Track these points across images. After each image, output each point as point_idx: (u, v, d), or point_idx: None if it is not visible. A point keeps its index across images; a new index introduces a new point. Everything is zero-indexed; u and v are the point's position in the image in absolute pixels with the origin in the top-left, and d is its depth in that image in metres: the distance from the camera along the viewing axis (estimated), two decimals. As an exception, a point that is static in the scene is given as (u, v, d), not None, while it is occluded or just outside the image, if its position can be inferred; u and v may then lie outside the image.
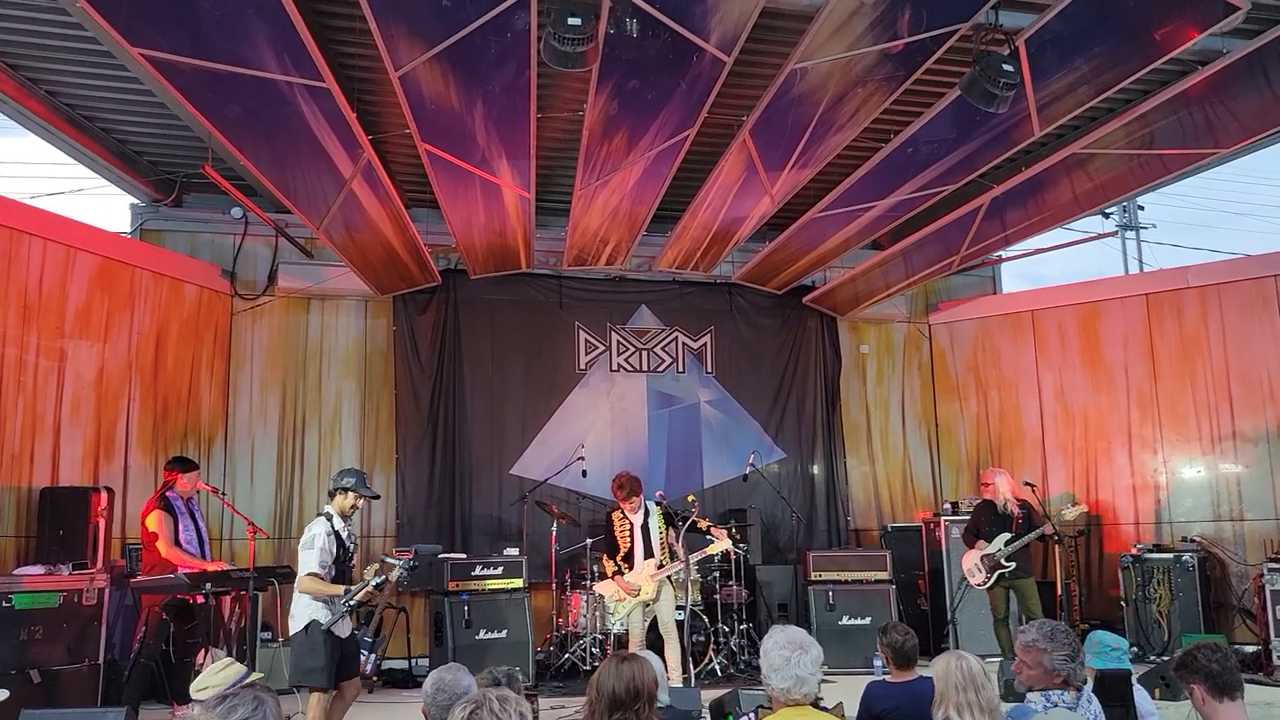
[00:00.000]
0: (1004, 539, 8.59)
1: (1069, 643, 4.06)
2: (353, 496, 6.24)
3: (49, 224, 8.40)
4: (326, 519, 6.21)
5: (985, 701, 3.64)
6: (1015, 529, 8.63)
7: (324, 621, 6.00)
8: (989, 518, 8.83)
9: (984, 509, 8.96)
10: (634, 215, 9.21)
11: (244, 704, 2.53)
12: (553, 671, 9.16)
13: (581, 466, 10.35)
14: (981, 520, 8.89)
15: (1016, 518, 8.69)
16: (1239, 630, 9.66)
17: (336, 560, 6.13)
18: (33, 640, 6.96)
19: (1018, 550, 8.56)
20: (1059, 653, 4.02)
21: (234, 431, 10.15)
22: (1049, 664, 4.01)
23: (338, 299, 10.59)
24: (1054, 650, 4.02)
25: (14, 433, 7.96)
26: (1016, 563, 8.56)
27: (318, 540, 6.09)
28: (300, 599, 6.09)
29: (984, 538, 8.76)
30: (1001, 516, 8.75)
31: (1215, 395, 10.38)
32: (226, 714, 2.49)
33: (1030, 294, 12.20)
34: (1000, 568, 8.56)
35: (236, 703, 2.53)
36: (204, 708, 2.53)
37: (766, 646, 3.77)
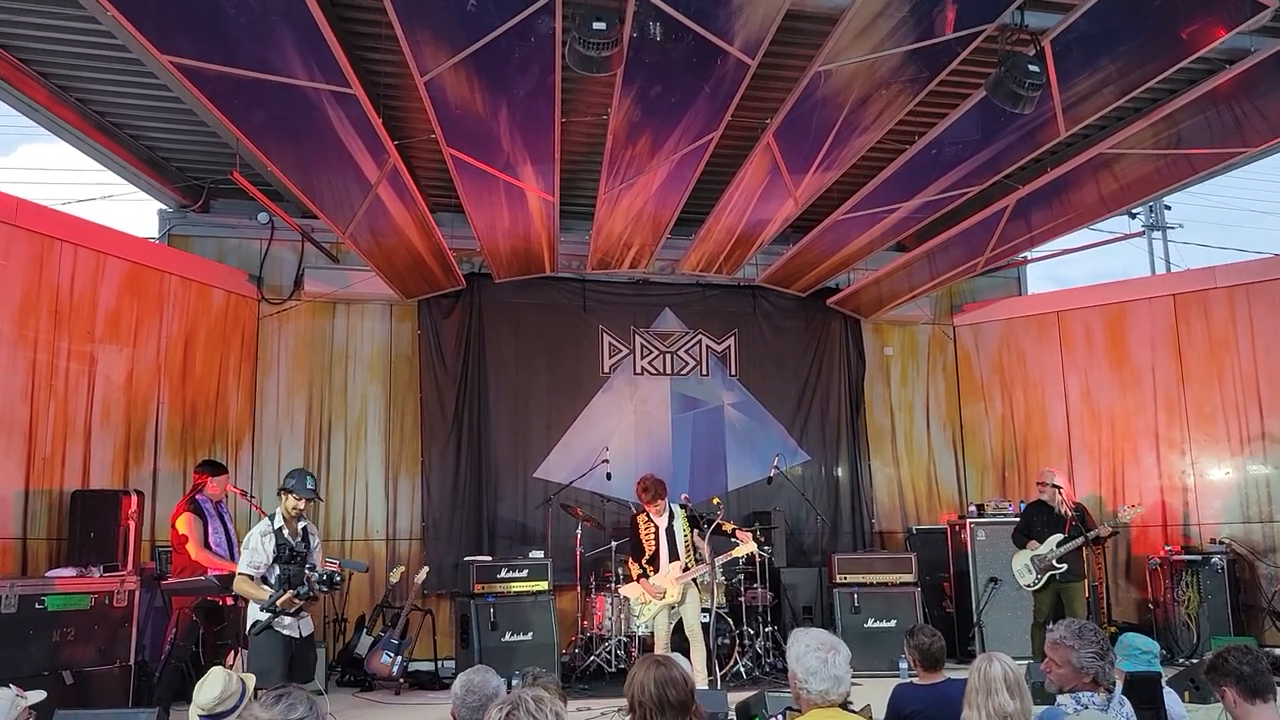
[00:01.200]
0: (1056, 540, 8.51)
1: (1097, 640, 4.04)
2: (292, 498, 6.24)
3: (79, 230, 8.51)
4: (269, 520, 6.22)
5: (995, 707, 3.60)
6: (1068, 530, 8.55)
7: (266, 620, 6.02)
8: (1042, 518, 8.75)
9: (1036, 509, 8.88)
10: (658, 218, 9.23)
11: (301, 703, 2.57)
12: (578, 674, 9.17)
13: (606, 469, 10.37)
14: (1034, 520, 8.81)
15: (1070, 519, 8.61)
16: (1269, 633, 9.57)
17: (280, 560, 6.09)
18: (65, 641, 7.03)
19: (1069, 553, 8.48)
20: (1087, 650, 4.00)
21: (261, 435, 10.23)
22: (1077, 661, 3.99)
23: (363, 303, 10.66)
24: (1082, 648, 4.00)
25: (45, 437, 8.05)
26: (1068, 565, 8.48)
27: (251, 540, 6.13)
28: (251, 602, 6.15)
29: (1035, 538, 8.68)
30: (1054, 517, 8.68)
31: (1244, 396, 10.29)
32: (287, 712, 2.52)
33: (1056, 295, 12.14)
34: (1052, 569, 8.48)
35: (294, 701, 2.56)
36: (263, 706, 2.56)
37: (798, 651, 3.76)
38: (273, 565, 6.05)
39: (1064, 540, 8.50)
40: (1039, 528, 8.72)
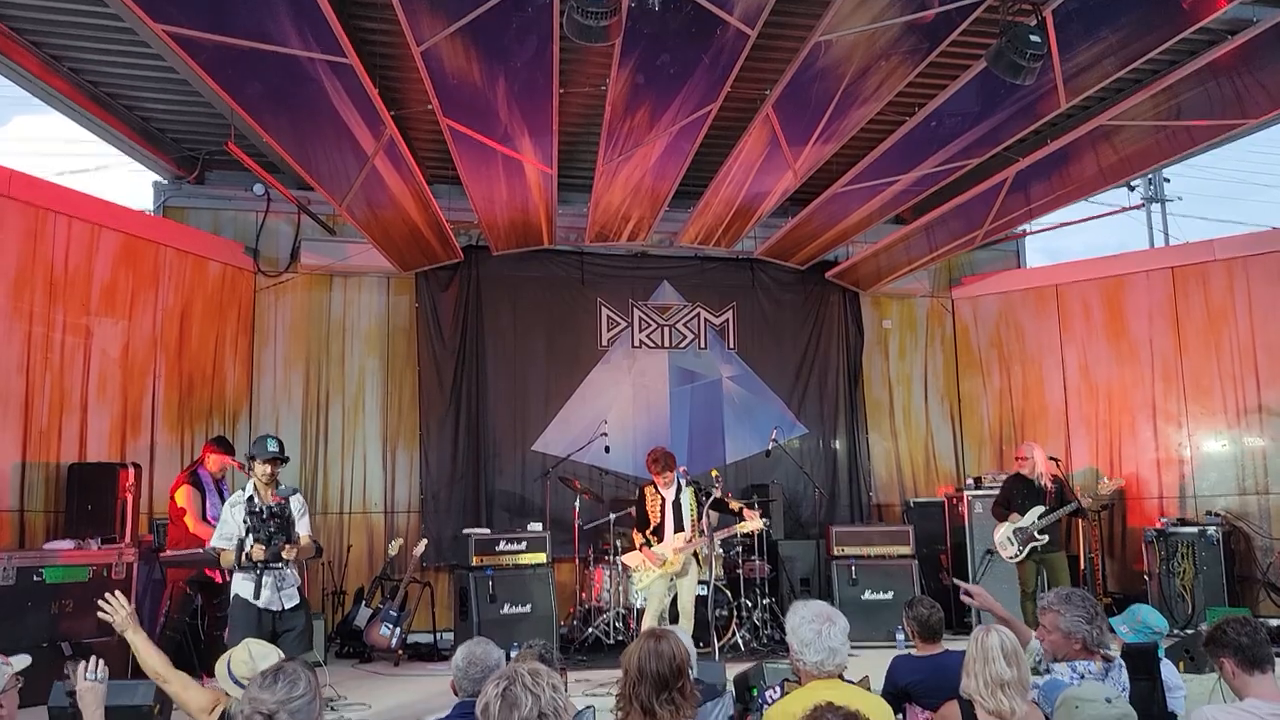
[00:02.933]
0: (1037, 512, 8.55)
1: (1085, 605, 4.06)
2: (257, 463, 6.21)
3: (74, 202, 8.46)
4: (242, 490, 6.24)
5: (991, 675, 3.63)
6: (1048, 503, 8.59)
7: (244, 595, 6.02)
8: (1022, 491, 8.78)
9: (1016, 482, 8.91)
10: (656, 191, 9.19)
11: (301, 678, 2.57)
12: (577, 645, 9.21)
13: (604, 443, 10.38)
14: (1013, 493, 8.84)
15: (1049, 491, 8.65)
16: (1264, 604, 9.63)
17: (252, 529, 6.02)
18: (63, 613, 7.06)
19: (1050, 524, 8.52)
20: (1073, 614, 4.02)
21: (258, 408, 10.22)
22: (1064, 626, 4.02)
23: (360, 276, 10.63)
24: (1068, 612, 4.03)
25: (42, 409, 8.04)
26: (1049, 536, 8.52)
27: (223, 512, 6.18)
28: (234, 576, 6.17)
29: (1016, 510, 8.72)
30: (1035, 490, 8.71)
31: (1241, 368, 10.30)
32: (290, 689, 2.52)
33: (1054, 268, 12.13)
34: (1033, 541, 8.52)
35: (295, 678, 2.56)
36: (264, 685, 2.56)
37: (794, 623, 3.78)
38: (246, 535, 6.02)
39: (1045, 512, 8.53)
40: (1019, 500, 8.75)
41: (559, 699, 2.57)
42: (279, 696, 2.49)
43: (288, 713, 2.46)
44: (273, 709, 2.46)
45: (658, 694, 3.38)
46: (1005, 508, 8.83)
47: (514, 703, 2.50)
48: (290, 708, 2.47)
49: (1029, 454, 8.87)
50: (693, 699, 3.50)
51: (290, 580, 6.22)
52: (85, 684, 3.63)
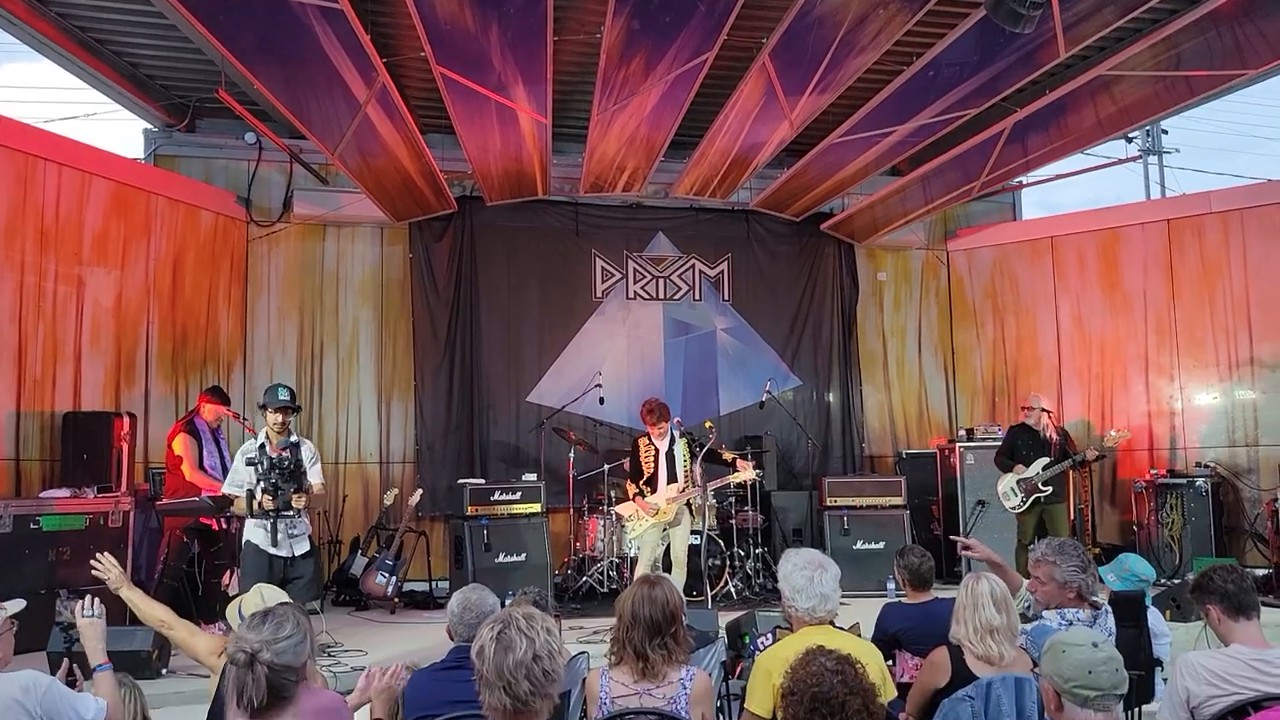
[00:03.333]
0: (1042, 463, 8.60)
1: (1078, 555, 4.12)
2: (269, 412, 6.29)
3: (64, 149, 8.39)
4: (253, 439, 6.34)
5: (981, 621, 3.69)
6: (1053, 454, 8.64)
7: (255, 540, 6.12)
8: (1027, 441, 8.83)
9: (1021, 431, 8.94)
10: (651, 141, 9.12)
11: (288, 620, 2.59)
12: (570, 594, 9.30)
13: (599, 394, 10.40)
14: (1017, 443, 8.89)
15: (1054, 443, 8.70)
16: (1250, 554, 9.73)
17: (264, 477, 6.11)
18: (60, 561, 7.11)
19: (1054, 476, 8.58)
20: (1068, 564, 4.08)
21: (252, 358, 10.21)
22: (1060, 577, 4.08)
23: (353, 226, 10.57)
24: (1063, 563, 4.08)
25: (35, 358, 8.03)
26: (1053, 488, 8.59)
27: (235, 460, 6.27)
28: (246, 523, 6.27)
29: (1020, 461, 8.76)
30: (1040, 440, 8.75)
31: (1234, 321, 10.33)
32: (275, 630, 2.55)
33: (1050, 220, 12.10)
34: (1037, 492, 8.58)
35: (281, 620, 2.59)
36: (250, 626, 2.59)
37: (786, 570, 3.82)
38: (257, 482, 6.10)
39: (1051, 463, 8.59)
40: (1023, 451, 8.80)
41: (553, 642, 2.60)
42: (264, 636, 2.52)
43: (272, 653, 2.49)
44: (256, 648, 2.49)
45: (650, 639, 3.43)
46: (1009, 458, 8.87)
47: (509, 646, 2.53)
48: (275, 648, 2.50)
49: (1035, 404, 8.91)
50: (685, 644, 3.55)
51: (301, 528, 6.31)
52: (84, 620, 3.66)
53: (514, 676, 2.50)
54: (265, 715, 2.50)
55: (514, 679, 2.49)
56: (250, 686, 2.47)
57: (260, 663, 2.48)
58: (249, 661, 2.49)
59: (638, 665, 3.44)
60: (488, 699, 2.54)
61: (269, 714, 2.50)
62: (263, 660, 2.48)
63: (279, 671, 2.49)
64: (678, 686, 3.43)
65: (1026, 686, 3.53)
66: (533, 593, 4.29)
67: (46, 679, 3.27)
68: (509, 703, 2.50)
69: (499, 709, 2.53)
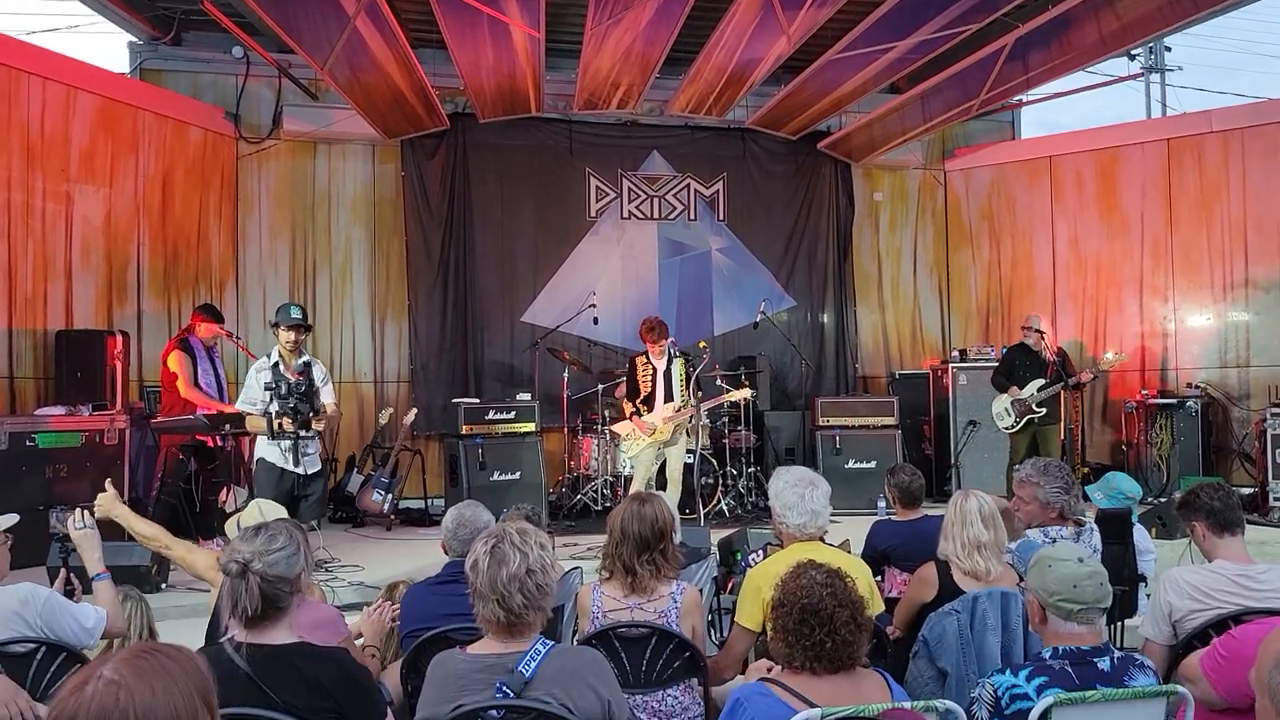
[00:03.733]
0: (1036, 384, 8.64)
1: (1061, 476, 4.17)
2: (281, 330, 6.28)
3: (48, 63, 8.22)
4: (266, 357, 6.33)
5: (969, 538, 3.75)
6: (1050, 375, 8.68)
7: (270, 458, 6.16)
8: (1024, 362, 8.85)
9: (1019, 352, 8.97)
10: (646, 56, 8.96)
11: (281, 534, 2.62)
12: (565, 511, 9.41)
13: (593, 314, 10.38)
14: (1016, 363, 8.92)
15: (1052, 365, 8.73)
16: (1237, 473, 9.84)
17: (278, 395, 6.15)
18: (57, 478, 7.15)
19: (1048, 397, 8.63)
20: (1051, 485, 4.13)
21: (244, 276, 10.16)
22: (1043, 497, 4.13)
23: (345, 143, 10.43)
24: (1047, 483, 4.14)
25: (25, 276, 7.98)
26: (1046, 409, 8.64)
27: (248, 378, 6.31)
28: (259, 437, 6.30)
29: (1016, 382, 8.80)
30: (1038, 361, 8.78)
31: (1231, 243, 10.30)
32: (268, 542, 2.57)
33: (1048, 139, 11.98)
34: (1031, 413, 8.64)
35: (275, 533, 2.62)
36: (244, 538, 2.62)
37: (777, 487, 3.86)
38: (271, 401, 6.12)
39: (1045, 385, 8.63)
40: (1020, 371, 8.84)
41: (546, 557, 2.63)
42: (256, 547, 2.55)
43: (264, 563, 2.52)
44: (248, 558, 2.52)
45: (639, 554, 3.48)
46: (1006, 377, 8.90)
47: (502, 560, 2.56)
48: (267, 559, 2.53)
49: (1033, 325, 8.93)
50: (674, 560, 3.60)
51: (313, 447, 6.39)
52: (77, 532, 3.68)
53: (507, 589, 2.53)
54: (260, 625, 2.53)
55: (507, 592, 2.53)
56: (244, 596, 2.51)
57: (252, 572, 2.51)
58: (241, 571, 2.52)
59: (627, 580, 3.49)
60: (481, 611, 2.59)
61: (263, 624, 2.54)
62: (255, 570, 2.51)
63: (272, 582, 2.52)
64: (668, 600, 3.49)
65: (1012, 600, 3.59)
66: (525, 509, 4.34)
67: (45, 591, 3.31)
68: (502, 615, 2.54)
69: (493, 621, 2.57)
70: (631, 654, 3.37)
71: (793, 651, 2.61)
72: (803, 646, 2.59)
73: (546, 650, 2.55)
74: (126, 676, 1.37)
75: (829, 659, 2.57)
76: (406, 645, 3.46)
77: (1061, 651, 2.76)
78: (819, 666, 2.58)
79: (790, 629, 2.62)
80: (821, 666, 2.58)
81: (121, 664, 1.39)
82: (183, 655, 1.47)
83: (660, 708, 3.40)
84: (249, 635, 2.53)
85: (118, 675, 1.37)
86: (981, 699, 2.78)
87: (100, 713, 1.33)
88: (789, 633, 2.63)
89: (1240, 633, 3.07)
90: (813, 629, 2.58)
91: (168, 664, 1.42)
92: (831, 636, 2.57)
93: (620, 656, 3.35)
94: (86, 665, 1.43)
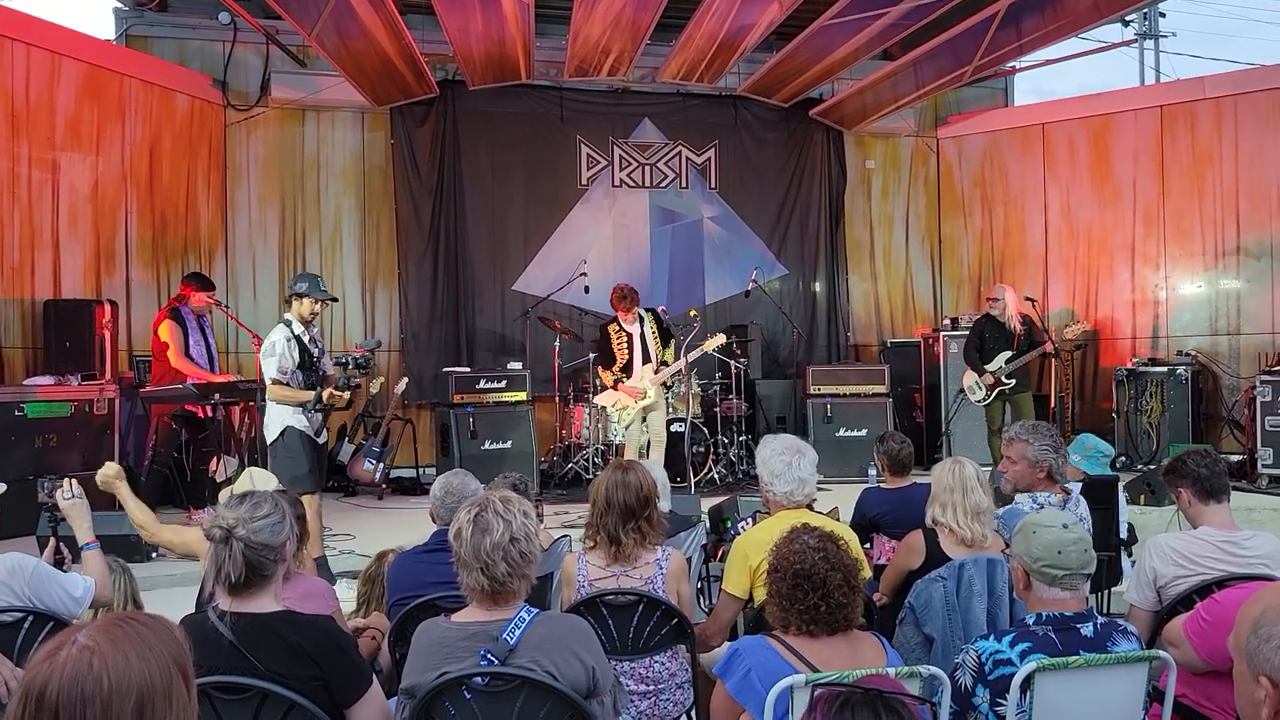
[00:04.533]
0: (1004, 357, 8.66)
1: (1050, 435, 4.18)
2: (309, 301, 6.16)
3: (31, 28, 8.12)
4: (285, 325, 6.13)
5: (970, 505, 3.76)
6: (1016, 345, 8.68)
7: (299, 427, 6.04)
8: (993, 333, 8.87)
9: (986, 323, 8.98)
10: (637, 22, 8.89)
11: (266, 501, 2.62)
12: (556, 480, 9.43)
13: (584, 283, 10.34)
14: (984, 334, 8.93)
15: (1018, 334, 8.73)
16: (1226, 441, 9.88)
17: (301, 366, 6.11)
18: (47, 448, 7.16)
19: (1018, 368, 8.65)
20: (1040, 443, 4.14)
21: (234, 245, 10.10)
22: (1032, 455, 4.13)
23: (333, 110, 10.34)
24: (1035, 441, 4.14)
25: (12, 245, 7.93)
26: (1016, 379, 8.66)
27: (277, 346, 6.01)
28: (272, 408, 6.08)
29: (985, 350, 8.80)
30: (1005, 332, 8.79)
31: (1222, 210, 10.29)
32: (253, 509, 2.57)
33: (1042, 106, 11.94)
34: (1000, 385, 8.66)
35: (260, 500, 2.62)
36: (228, 505, 2.62)
37: (764, 455, 3.87)
38: (295, 370, 6.06)
39: (1012, 357, 8.64)
40: (989, 342, 8.84)
41: (530, 525, 2.63)
42: (240, 514, 2.55)
43: (248, 530, 2.52)
44: (231, 524, 2.53)
45: (624, 523, 3.48)
46: (977, 351, 8.91)
47: (485, 528, 2.56)
48: (251, 526, 2.53)
49: (1000, 295, 8.94)
50: (659, 528, 3.60)
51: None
52: (66, 503, 3.68)
53: (490, 558, 2.53)
54: (245, 592, 2.54)
55: (490, 560, 2.53)
56: (227, 562, 2.51)
57: (236, 538, 2.51)
58: (225, 537, 2.52)
59: (610, 549, 3.49)
60: (465, 580, 2.59)
61: (248, 591, 2.54)
62: (239, 536, 2.51)
63: (256, 549, 2.52)
64: (654, 567, 3.49)
65: (998, 567, 3.61)
66: (513, 477, 4.34)
67: (32, 560, 3.30)
68: (486, 583, 2.55)
69: (477, 589, 2.58)
70: (619, 621, 3.39)
71: (787, 615, 2.64)
72: (797, 610, 2.62)
73: (531, 618, 2.55)
74: (101, 643, 1.36)
75: (824, 622, 2.60)
76: (394, 613, 3.47)
77: (1045, 617, 2.78)
78: (815, 629, 2.60)
79: (784, 594, 2.65)
80: (817, 629, 2.60)
81: (96, 631, 1.39)
82: (159, 624, 1.47)
83: (648, 674, 3.42)
84: (233, 604, 2.54)
85: (92, 641, 1.37)
86: (965, 664, 2.79)
87: (73, 678, 1.33)
88: (783, 597, 2.65)
89: (1223, 597, 3.09)
90: (806, 593, 2.60)
91: (143, 632, 1.41)
92: (825, 600, 2.59)
93: (608, 623, 3.36)
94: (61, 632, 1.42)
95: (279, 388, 6.00)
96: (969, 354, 9.02)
